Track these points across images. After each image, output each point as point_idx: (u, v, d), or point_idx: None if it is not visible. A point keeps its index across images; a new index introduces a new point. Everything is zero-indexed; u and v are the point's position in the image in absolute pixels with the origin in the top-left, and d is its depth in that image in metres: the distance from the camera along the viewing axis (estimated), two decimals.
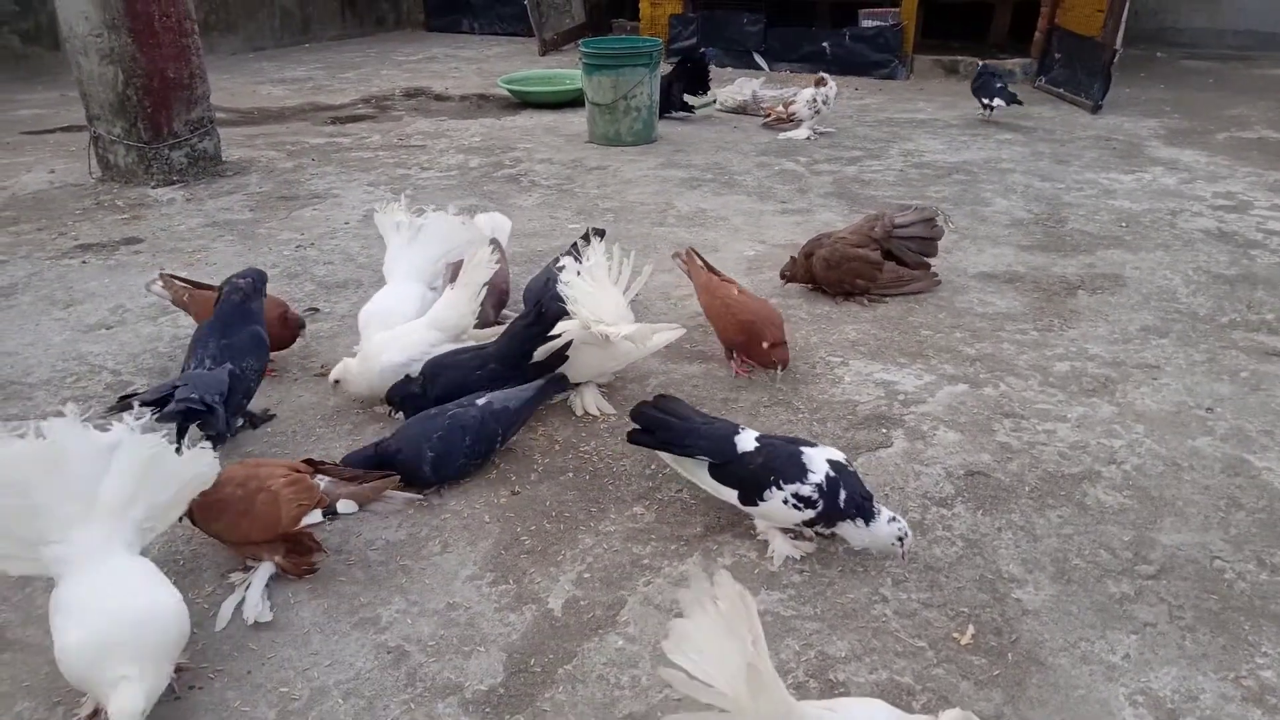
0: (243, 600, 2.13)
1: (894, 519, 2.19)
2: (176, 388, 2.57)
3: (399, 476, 2.41)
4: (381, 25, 12.33)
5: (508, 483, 2.62)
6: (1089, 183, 5.43)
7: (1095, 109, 7.17)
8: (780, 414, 2.96)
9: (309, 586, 2.21)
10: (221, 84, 7.65)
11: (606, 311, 2.96)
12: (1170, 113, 7.22)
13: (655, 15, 9.87)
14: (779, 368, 3.11)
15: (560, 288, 2.98)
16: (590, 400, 3.01)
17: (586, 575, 2.26)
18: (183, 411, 2.52)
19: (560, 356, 2.92)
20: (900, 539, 2.17)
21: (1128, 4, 7.05)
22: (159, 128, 5.33)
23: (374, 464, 2.48)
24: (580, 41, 6.79)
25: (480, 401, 2.65)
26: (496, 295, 3.41)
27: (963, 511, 2.48)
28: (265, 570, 2.19)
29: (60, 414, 1.87)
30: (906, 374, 3.21)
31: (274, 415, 2.97)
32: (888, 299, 3.81)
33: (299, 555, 2.23)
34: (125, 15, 5.00)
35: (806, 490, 2.20)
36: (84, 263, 4.25)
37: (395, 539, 2.38)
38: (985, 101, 6.81)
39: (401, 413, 2.82)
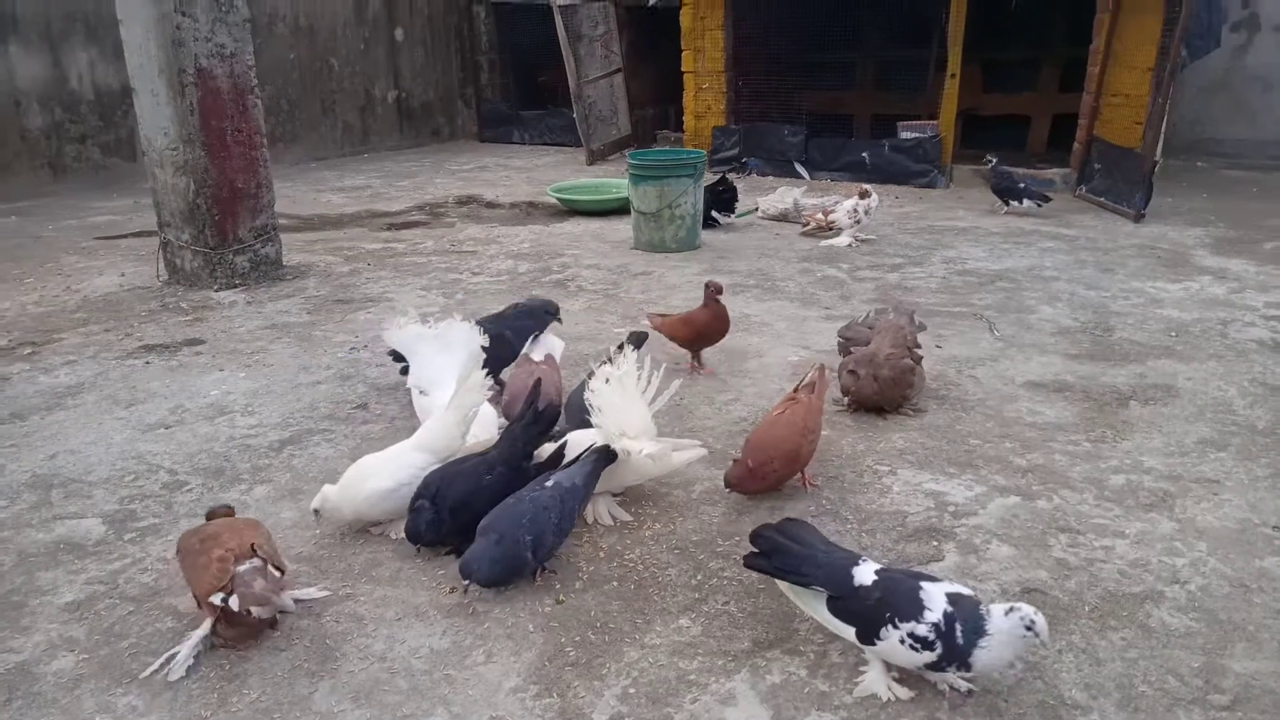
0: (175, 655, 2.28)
1: (1010, 609, 2.01)
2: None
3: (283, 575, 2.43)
4: (437, 136, 12.94)
5: (552, 591, 2.59)
6: (1135, 291, 5.41)
7: (1138, 218, 7.20)
8: (828, 524, 2.91)
9: (351, 695, 2.19)
10: (284, 191, 8.03)
11: (631, 424, 2.97)
12: (1215, 221, 7.21)
13: (699, 127, 10.24)
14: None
15: (587, 395, 3.01)
16: (603, 509, 2.98)
17: (632, 690, 2.21)
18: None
19: (559, 456, 2.92)
20: (1029, 627, 1.99)
21: (1166, 116, 7.16)
22: (225, 234, 5.59)
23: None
24: (627, 152, 7.07)
25: (549, 483, 2.68)
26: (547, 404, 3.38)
27: None
28: (199, 633, 2.32)
29: None
30: (956, 485, 3.16)
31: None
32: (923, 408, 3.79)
33: (233, 627, 2.32)
34: (201, 130, 5.33)
35: (922, 630, 2.05)
36: (147, 363, 4.40)
37: (439, 646, 2.37)
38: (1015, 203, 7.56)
39: (423, 546, 2.75)
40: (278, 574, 2.38)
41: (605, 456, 2.86)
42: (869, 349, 3.74)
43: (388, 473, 2.82)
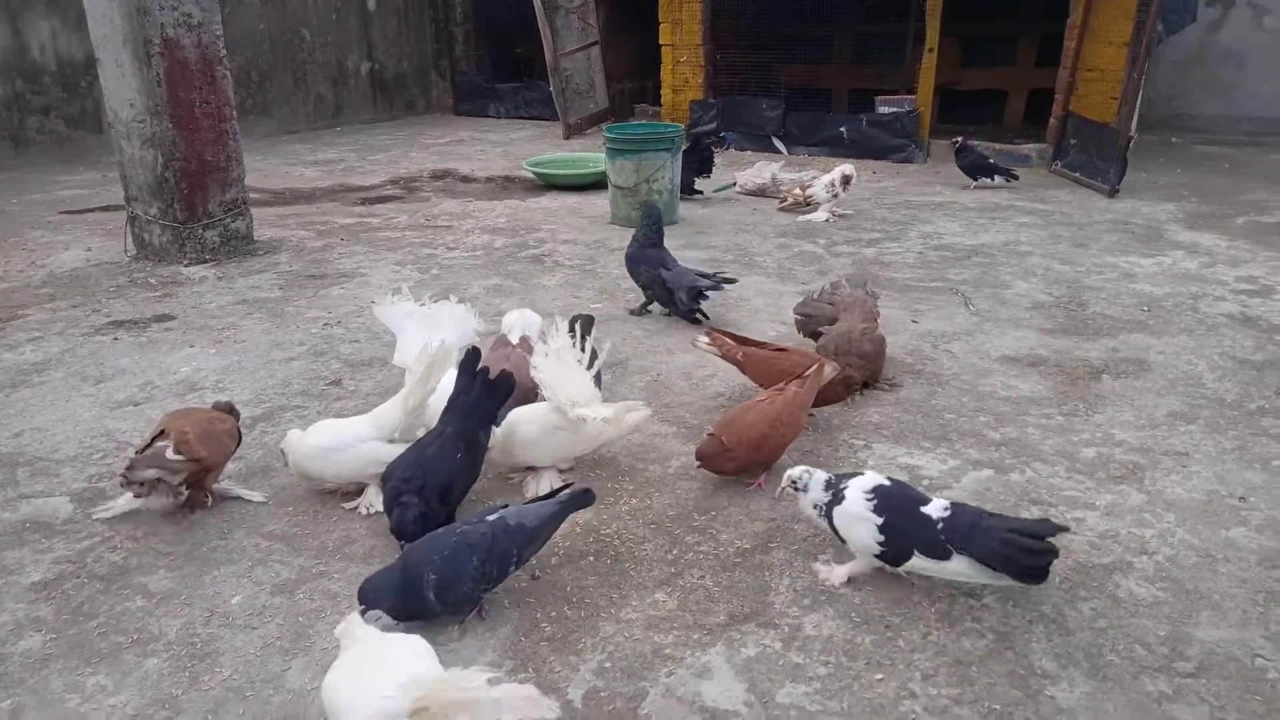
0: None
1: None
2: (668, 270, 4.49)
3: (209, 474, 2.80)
4: (411, 109, 12.76)
5: (527, 566, 2.59)
6: (1109, 266, 5.45)
7: (1112, 193, 7.24)
8: None
9: (325, 672, 2.18)
10: (255, 165, 7.90)
11: (579, 394, 2.97)
12: (1188, 197, 7.27)
13: (677, 101, 10.16)
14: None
15: (533, 373, 3.00)
16: (545, 484, 2.96)
17: (607, 664, 2.21)
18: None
19: (475, 354, 2.88)
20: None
21: (1141, 92, 7.19)
22: (194, 208, 5.48)
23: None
24: (604, 126, 7.00)
25: (491, 517, 2.40)
26: (523, 394, 3.18)
27: (992, 602, 2.42)
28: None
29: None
30: (931, 459, 3.18)
31: (735, 279, 4.52)
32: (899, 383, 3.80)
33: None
34: (168, 103, 5.21)
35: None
36: (115, 339, 4.33)
37: (414, 623, 2.35)
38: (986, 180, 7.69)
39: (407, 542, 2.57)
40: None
41: (578, 501, 2.56)
42: (841, 328, 3.71)
43: (325, 434, 2.88)
